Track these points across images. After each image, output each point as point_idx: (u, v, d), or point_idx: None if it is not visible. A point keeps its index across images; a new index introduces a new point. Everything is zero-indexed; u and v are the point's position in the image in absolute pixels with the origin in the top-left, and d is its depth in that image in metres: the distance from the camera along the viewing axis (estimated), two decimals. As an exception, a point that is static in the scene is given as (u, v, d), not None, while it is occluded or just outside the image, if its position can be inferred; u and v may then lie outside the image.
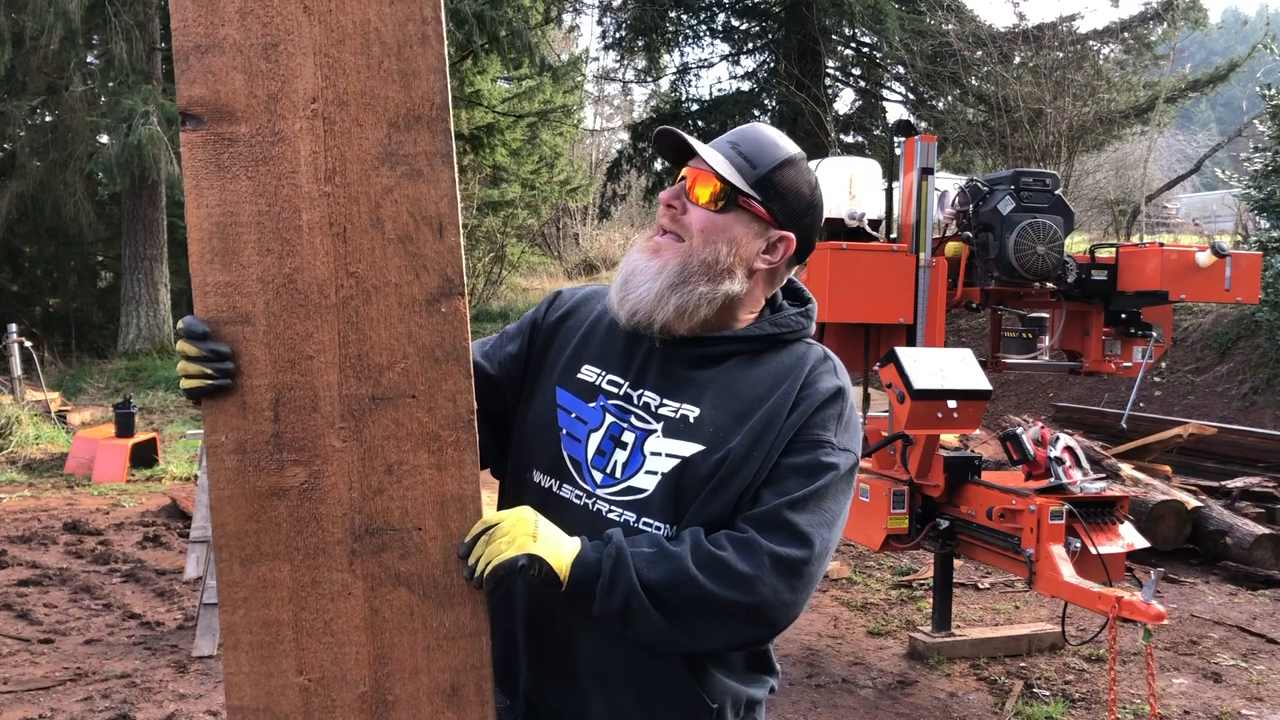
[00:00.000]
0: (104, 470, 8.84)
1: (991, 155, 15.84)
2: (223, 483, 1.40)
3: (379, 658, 1.42)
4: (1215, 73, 16.90)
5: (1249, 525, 6.32)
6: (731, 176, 1.53)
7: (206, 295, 1.39)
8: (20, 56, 15.50)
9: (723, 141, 1.57)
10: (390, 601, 1.41)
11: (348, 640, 1.41)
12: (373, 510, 1.41)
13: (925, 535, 4.48)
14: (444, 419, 1.42)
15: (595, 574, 1.40)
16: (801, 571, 1.44)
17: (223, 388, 1.38)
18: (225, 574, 1.41)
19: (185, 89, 1.39)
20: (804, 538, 1.45)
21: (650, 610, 1.39)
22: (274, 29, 1.39)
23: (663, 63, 22.62)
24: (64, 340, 18.61)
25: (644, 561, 1.41)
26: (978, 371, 4.12)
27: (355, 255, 1.40)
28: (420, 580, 1.42)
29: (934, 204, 4.67)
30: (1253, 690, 4.45)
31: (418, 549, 1.42)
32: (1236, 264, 4.63)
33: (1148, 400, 10.35)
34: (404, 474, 1.41)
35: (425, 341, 1.41)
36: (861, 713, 4.17)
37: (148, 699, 4.17)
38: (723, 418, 1.52)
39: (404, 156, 1.40)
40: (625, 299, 1.54)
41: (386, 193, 1.40)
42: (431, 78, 1.41)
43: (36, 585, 5.75)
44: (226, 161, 1.38)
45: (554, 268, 26.46)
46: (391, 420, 1.41)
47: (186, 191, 1.39)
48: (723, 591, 1.40)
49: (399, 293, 1.41)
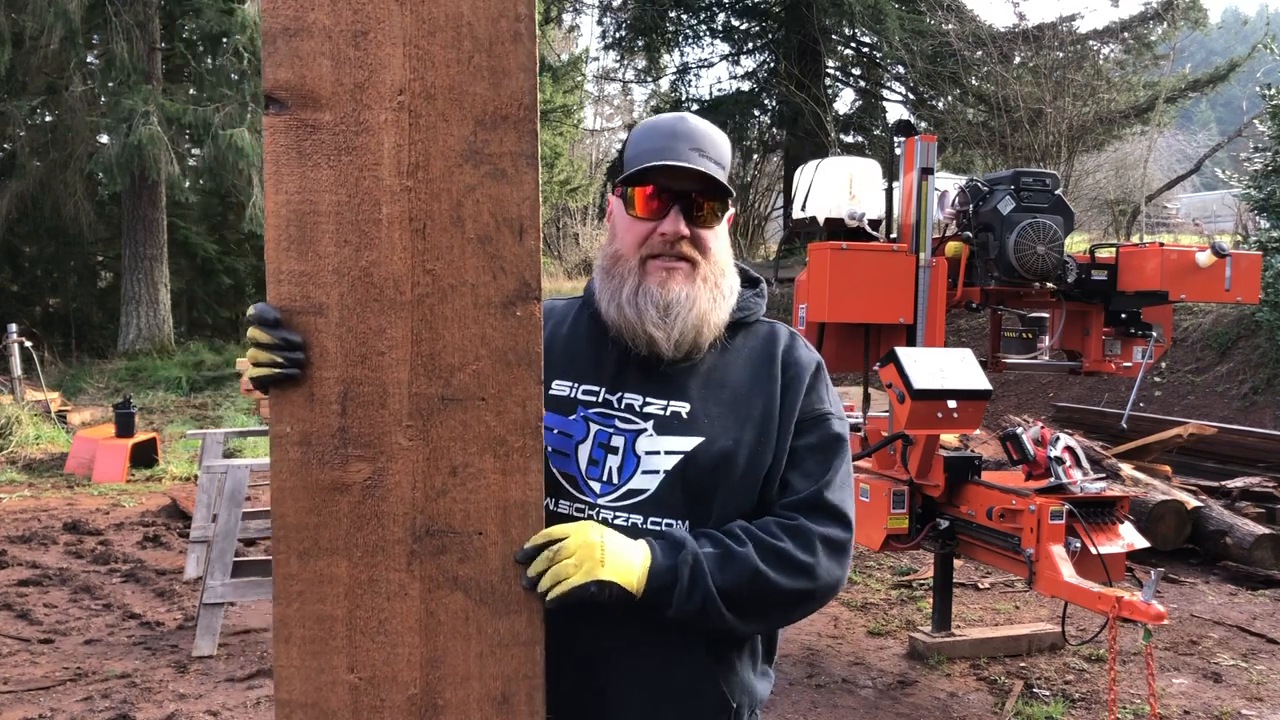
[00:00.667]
0: (104, 470, 8.84)
1: (991, 155, 15.84)
2: (285, 474, 1.38)
3: (431, 660, 1.40)
4: (1215, 73, 16.91)
5: (1249, 525, 6.32)
6: (726, 188, 1.57)
7: (280, 283, 1.38)
8: (20, 56, 15.50)
9: (686, 150, 1.54)
10: (446, 604, 1.40)
11: (401, 641, 1.40)
12: (435, 511, 1.40)
13: (925, 535, 4.47)
14: (512, 424, 1.40)
15: (671, 582, 1.42)
16: (846, 548, 1.55)
17: (291, 377, 1.37)
18: (282, 566, 1.39)
19: (271, 72, 1.36)
20: (843, 516, 1.54)
21: (724, 612, 1.44)
22: (365, 16, 1.37)
23: (663, 63, 22.64)
24: (64, 340, 18.60)
25: (715, 564, 1.44)
26: (978, 371, 4.12)
27: (433, 253, 1.39)
28: (478, 585, 1.40)
29: (934, 204, 4.67)
30: (1253, 690, 4.45)
31: (477, 553, 1.40)
32: (1236, 264, 4.63)
33: (1148, 400, 10.35)
34: (468, 477, 1.40)
35: (498, 344, 1.40)
36: (861, 713, 4.17)
37: (148, 699, 4.17)
38: (714, 408, 1.55)
39: (489, 155, 1.39)
40: (671, 328, 1.53)
41: (469, 191, 1.39)
42: (521, 76, 1.39)
43: (36, 585, 5.75)
44: (309, 149, 1.37)
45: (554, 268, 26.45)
46: (459, 422, 1.40)
47: (266, 177, 1.38)
48: (790, 582, 1.47)
49: (475, 293, 1.39)
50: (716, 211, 1.56)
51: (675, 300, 1.53)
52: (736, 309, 1.61)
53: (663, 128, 1.57)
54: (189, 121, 14.31)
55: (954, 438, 5.10)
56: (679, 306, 1.53)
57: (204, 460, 6.18)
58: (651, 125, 1.60)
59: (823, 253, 4.57)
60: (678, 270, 1.54)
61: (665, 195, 1.54)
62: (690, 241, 1.54)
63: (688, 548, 1.44)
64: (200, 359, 16.05)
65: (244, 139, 13.90)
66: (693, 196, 1.54)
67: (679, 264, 1.54)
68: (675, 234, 1.53)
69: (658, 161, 1.52)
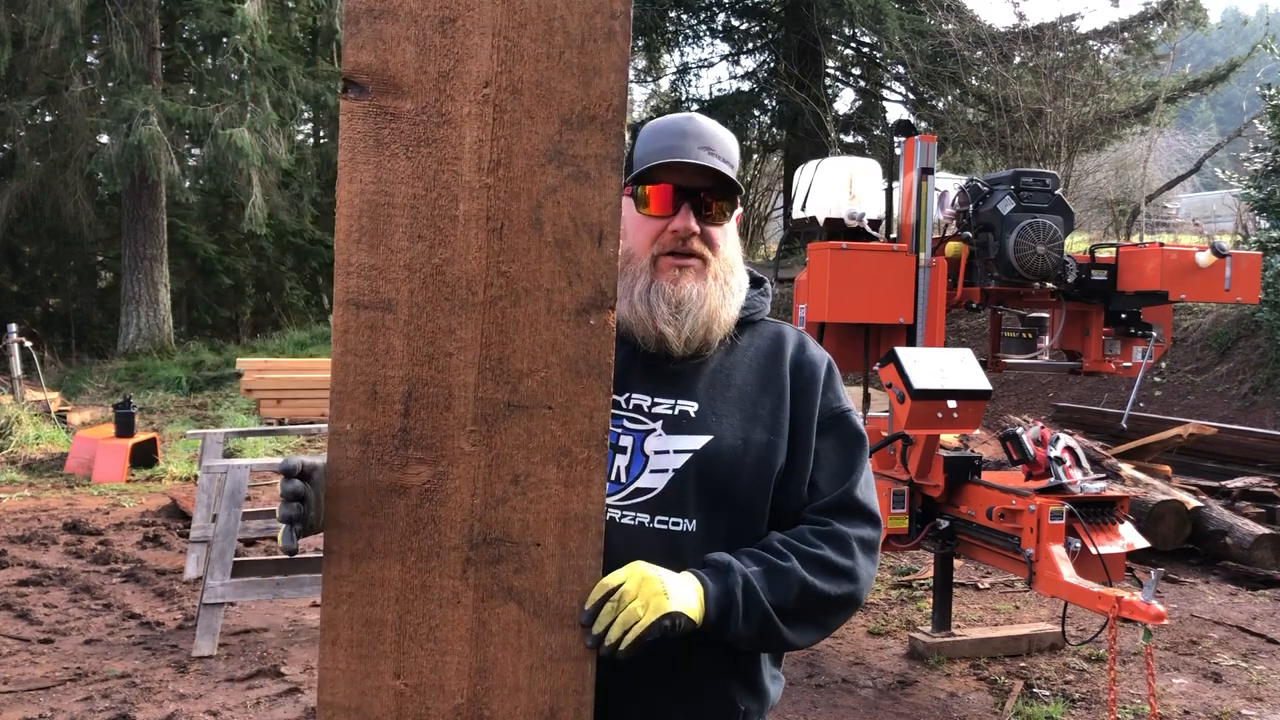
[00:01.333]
0: (104, 470, 8.84)
1: (991, 155, 15.84)
2: (342, 473, 1.34)
3: (480, 671, 1.36)
4: (1215, 73, 16.91)
5: (1249, 525, 6.32)
6: (736, 185, 1.58)
7: (349, 276, 1.34)
8: (20, 56, 15.51)
9: (696, 149, 1.55)
10: (499, 615, 1.35)
11: (450, 649, 1.36)
12: (493, 519, 1.35)
13: (925, 535, 4.47)
14: (578, 434, 1.36)
15: (729, 606, 1.41)
16: (877, 545, 1.56)
17: (292, 524, 1.34)
18: (333, 567, 1.35)
19: (352, 54, 1.32)
20: (872, 515, 1.56)
21: (781, 627, 1.45)
22: (454, 2, 1.32)
23: (663, 63, 22.65)
24: (64, 340, 18.63)
25: (763, 582, 1.44)
26: (978, 371, 4.12)
27: (509, 254, 1.34)
28: (533, 597, 1.36)
29: (934, 204, 4.67)
30: (1253, 690, 4.45)
31: (534, 565, 1.36)
32: (1236, 264, 4.63)
33: (1148, 400, 10.35)
34: (530, 486, 1.36)
35: (570, 352, 1.35)
36: (861, 713, 4.17)
37: (148, 699, 4.17)
38: (722, 407, 1.55)
39: (573, 157, 1.34)
40: (682, 325, 1.54)
41: (550, 193, 1.34)
42: (613, 76, 1.34)
43: (36, 585, 5.75)
44: (386, 138, 1.32)
45: (554, 268, 26.43)
46: (524, 429, 1.35)
47: (340, 165, 1.33)
48: (836, 588, 1.48)
49: (549, 299, 1.35)
50: (725, 210, 1.57)
51: (687, 297, 1.53)
52: (744, 307, 1.62)
53: (672, 127, 1.58)
54: (189, 121, 14.32)
55: (954, 438, 5.10)
56: (690, 303, 1.53)
57: (204, 460, 6.18)
58: (660, 125, 1.60)
59: (823, 253, 4.57)
60: (689, 267, 1.55)
61: (676, 193, 1.54)
62: (701, 238, 1.55)
63: (735, 570, 1.43)
64: (200, 359, 16.05)
65: (244, 139, 13.90)
66: (702, 195, 1.55)
67: (690, 261, 1.55)
68: (686, 230, 1.53)
69: (668, 159, 1.53)
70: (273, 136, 14.53)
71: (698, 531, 1.50)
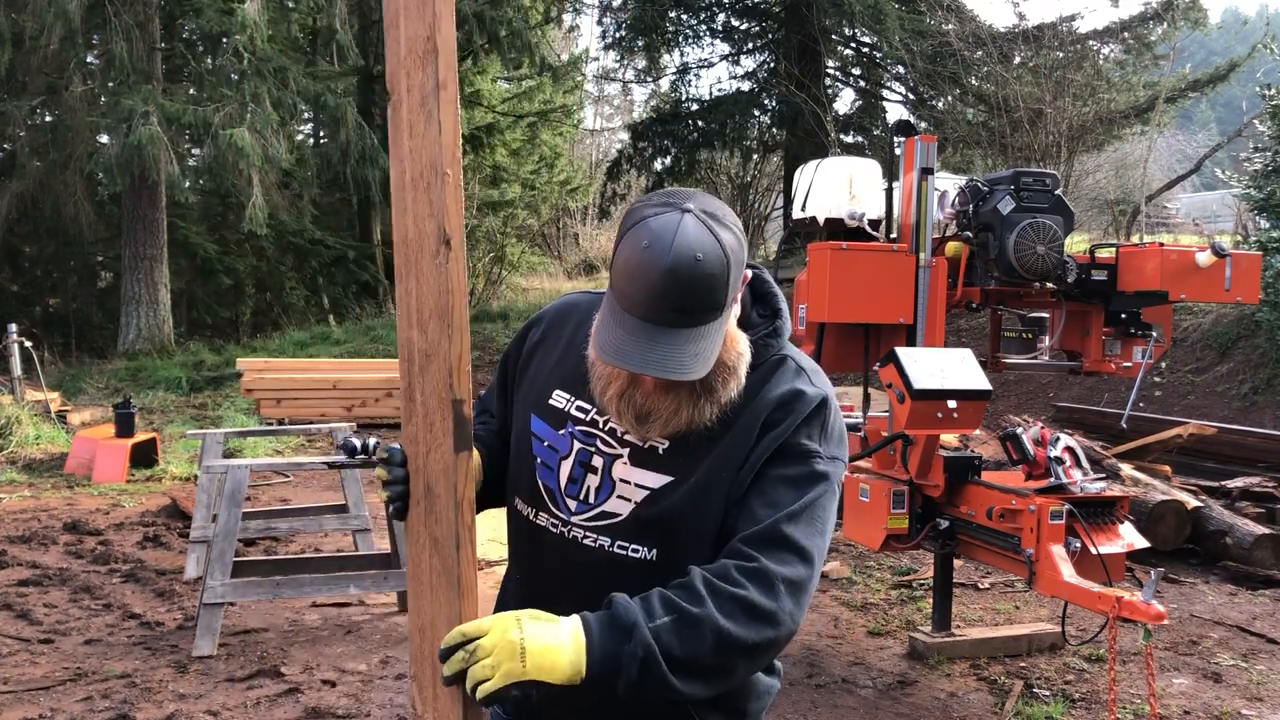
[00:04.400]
0: (104, 470, 8.84)
1: (991, 155, 15.82)
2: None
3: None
4: (1215, 73, 16.89)
5: (1249, 525, 6.31)
6: (705, 369, 1.39)
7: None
8: (20, 56, 15.51)
9: (665, 312, 1.36)
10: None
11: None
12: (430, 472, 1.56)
13: (925, 535, 4.47)
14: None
15: (614, 671, 1.33)
16: (807, 587, 1.44)
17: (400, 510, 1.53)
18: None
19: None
20: (805, 553, 1.44)
21: (679, 688, 1.35)
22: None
23: (663, 63, 22.64)
24: (64, 340, 18.62)
25: (670, 635, 1.34)
26: (978, 371, 4.12)
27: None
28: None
29: (934, 204, 4.67)
30: (1253, 690, 4.45)
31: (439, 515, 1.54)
32: (1236, 264, 4.62)
33: (1148, 400, 10.34)
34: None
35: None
36: (861, 713, 4.17)
37: (148, 699, 4.17)
38: (694, 445, 1.48)
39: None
40: (648, 431, 1.47)
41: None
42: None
43: (36, 585, 5.75)
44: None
45: (554, 268, 26.44)
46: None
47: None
48: (754, 635, 1.38)
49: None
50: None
51: (656, 409, 1.45)
52: (750, 364, 1.50)
53: (648, 278, 1.36)
54: (189, 121, 14.30)
55: (954, 438, 5.10)
56: (659, 414, 1.45)
57: (204, 460, 6.18)
58: (636, 271, 1.37)
59: (823, 253, 4.57)
60: (665, 384, 1.43)
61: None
62: (668, 386, 1.44)
63: (636, 637, 1.32)
64: (200, 359, 16.04)
65: (244, 139, 13.88)
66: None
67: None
68: (652, 389, 1.44)
69: (618, 358, 1.38)
70: (273, 136, 14.51)
71: (657, 562, 1.49)
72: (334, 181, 19.84)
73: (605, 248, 27.20)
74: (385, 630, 5.06)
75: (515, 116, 23.21)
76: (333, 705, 4.11)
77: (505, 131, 22.87)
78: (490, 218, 23.12)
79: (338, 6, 16.11)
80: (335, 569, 5.08)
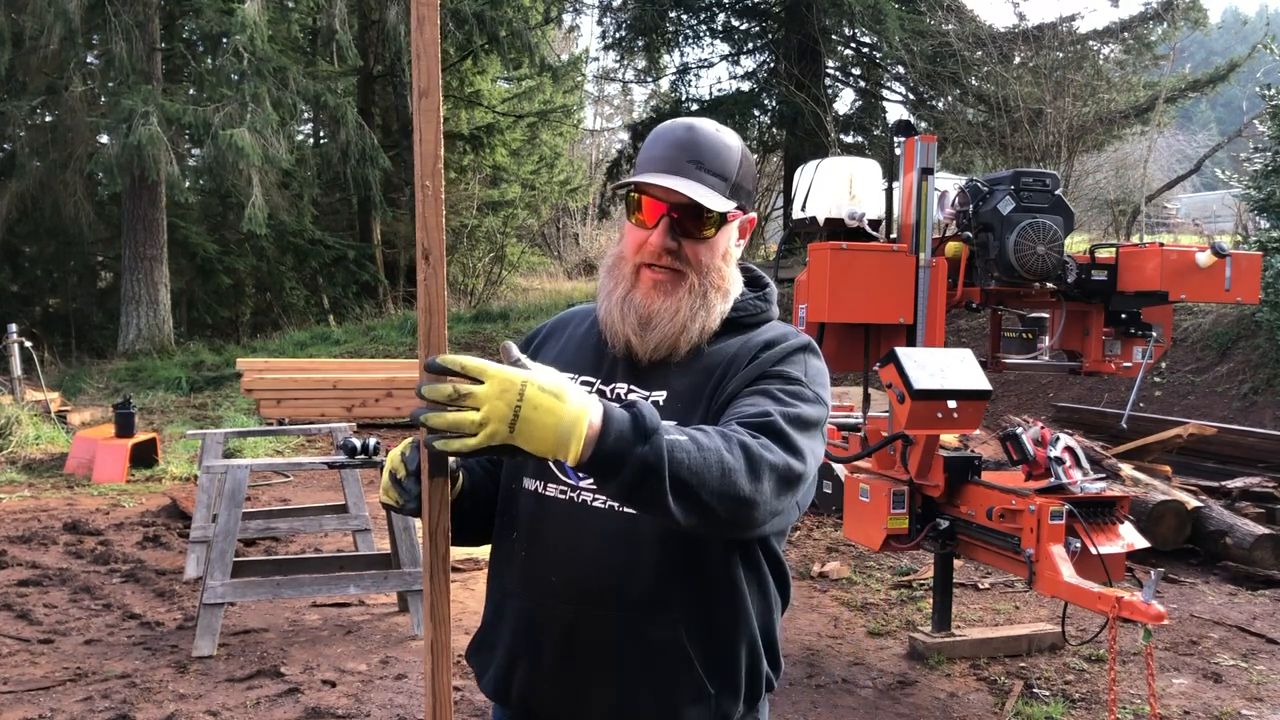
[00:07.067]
0: (104, 470, 8.84)
1: (991, 155, 15.82)
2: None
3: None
4: (1215, 73, 16.89)
5: (1249, 525, 6.31)
6: (719, 205, 1.56)
7: None
8: (20, 56, 15.51)
9: (683, 162, 1.56)
10: None
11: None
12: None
13: (925, 535, 4.47)
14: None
15: (618, 468, 1.27)
16: (793, 480, 1.41)
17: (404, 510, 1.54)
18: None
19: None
20: (793, 447, 1.42)
21: (676, 506, 1.30)
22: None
23: (663, 63, 22.63)
24: (64, 340, 18.62)
25: (682, 454, 1.29)
26: (978, 371, 4.12)
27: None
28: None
29: (934, 204, 4.67)
30: (1253, 690, 4.45)
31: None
32: (1236, 264, 4.62)
33: (1148, 400, 10.34)
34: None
35: None
36: (861, 713, 4.17)
37: (148, 699, 4.17)
38: (688, 393, 1.57)
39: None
40: (647, 339, 1.58)
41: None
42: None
43: (36, 585, 5.75)
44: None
45: (554, 268, 26.45)
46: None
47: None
48: (750, 486, 1.34)
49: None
50: (710, 225, 1.57)
51: (656, 312, 1.57)
52: (733, 309, 1.63)
53: (668, 136, 1.61)
54: (189, 121, 14.31)
55: (954, 438, 5.09)
56: (659, 318, 1.57)
57: (204, 460, 6.18)
58: (660, 132, 1.63)
59: (823, 253, 4.57)
60: (664, 281, 1.58)
61: (657, 206, 1.57)
62: (676, 254, 1.57)
63: (654, 442, 1.27)
64: (200, 359, 16.05)
65: (244, 139, 13.89)
66: (677, 214, 1.56)
67: (665, 274, 1.58)
68: (660, 248, 1.57)
69: (645, 177, 1.56)
70: (273, 136, 14.51)
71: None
72: (334, 181, 19.84)
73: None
74: (385, 630, 5.06)
75: (515, 116, 23.24)
76: (333, 705, 4.11)
77: (505, 131, 22.89)
78: (490, 218, 23.13)
79: (338, 6, 16.12)
80: (335, 569, 5.08)
